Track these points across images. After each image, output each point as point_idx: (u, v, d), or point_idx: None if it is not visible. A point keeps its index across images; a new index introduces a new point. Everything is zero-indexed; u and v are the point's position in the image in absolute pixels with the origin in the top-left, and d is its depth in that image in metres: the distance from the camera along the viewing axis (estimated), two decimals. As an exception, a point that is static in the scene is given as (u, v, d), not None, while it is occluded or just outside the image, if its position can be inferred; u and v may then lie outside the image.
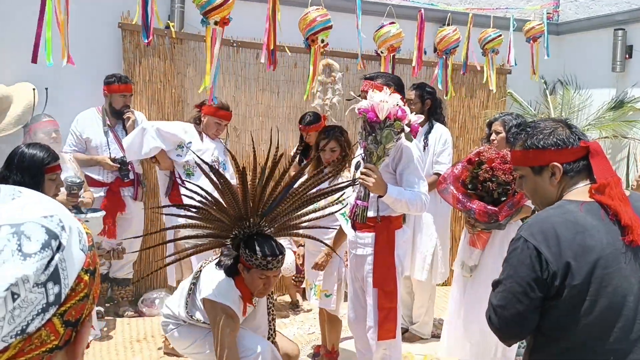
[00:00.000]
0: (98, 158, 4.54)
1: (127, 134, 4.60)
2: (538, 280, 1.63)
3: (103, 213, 3.47)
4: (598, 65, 6.46)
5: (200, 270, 3.04)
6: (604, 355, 1.60)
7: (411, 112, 4.37)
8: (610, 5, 6.65)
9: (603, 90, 6.47)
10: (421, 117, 3.05)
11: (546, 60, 5.81)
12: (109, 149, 4.57)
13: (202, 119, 4.27)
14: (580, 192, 1.74)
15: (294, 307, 5.15)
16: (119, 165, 4.52)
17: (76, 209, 3.26)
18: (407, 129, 2.87)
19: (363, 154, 3.00)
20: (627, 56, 6.22)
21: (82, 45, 4.82)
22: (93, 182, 4.43)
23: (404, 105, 2.92)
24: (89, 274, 0.80)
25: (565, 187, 1.77)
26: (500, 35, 5.12)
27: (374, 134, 2.86)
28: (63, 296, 0.76)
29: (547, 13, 6.06)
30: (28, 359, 0.73)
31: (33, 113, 4.46)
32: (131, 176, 4.62)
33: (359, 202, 2.97)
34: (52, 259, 0.74)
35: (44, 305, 0.73)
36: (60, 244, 0.76)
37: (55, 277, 0.74)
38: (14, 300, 0.70)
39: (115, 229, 4.57)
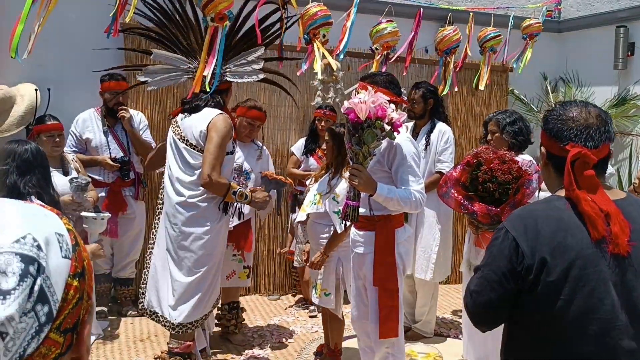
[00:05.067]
0: (98, 158, 4.54)
1: (126, 133, 4.60)
2: (513, 271, 1.61)
3: (108, 215, 3.22)
4: (600, 62, 6.45)
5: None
6: (576, 355, 1.58)
7: (414, 111, 4.46)
8: (612, 3, 6.63)
9: (605, 87, 6.46)
10: (404, 115, 3.05)
11: (548, 58, 5.80)
12: (109, 149, 4.58)
13: (235, 120, 4.13)
14: None
15: (305, 305, 5.13)
16: (119, 165, 4.52)
17: (95, 209, 3.18)
18: (387, 127, 2.87)
19: (350, 155, 3.02)
20: (629, 53, 6.21)
21: (84, 45, 4.83)
22: (94, 183, 4.41)
23: (389, 104, 2.92)
24: (77, 278, 0.75)
25: (562, 181, 1.70)
26: (499, 35, 5.12)
27: (357, 135, 2.88)
28: (55, 312, 0.72)
29: (549, 11, 6.04)
30: None
31: (36, 114, 4.47)
32: (132, 176, 4.62)
33: (349, 202, 2.99)
34: (34, 283, 0.69)
35: (37, 328, 0.70)
36: (39, 266, 0.70)
37: (42, 298, 0.70)
38: (3, 339, 0.67)
39: (117, 228, 4.58)
